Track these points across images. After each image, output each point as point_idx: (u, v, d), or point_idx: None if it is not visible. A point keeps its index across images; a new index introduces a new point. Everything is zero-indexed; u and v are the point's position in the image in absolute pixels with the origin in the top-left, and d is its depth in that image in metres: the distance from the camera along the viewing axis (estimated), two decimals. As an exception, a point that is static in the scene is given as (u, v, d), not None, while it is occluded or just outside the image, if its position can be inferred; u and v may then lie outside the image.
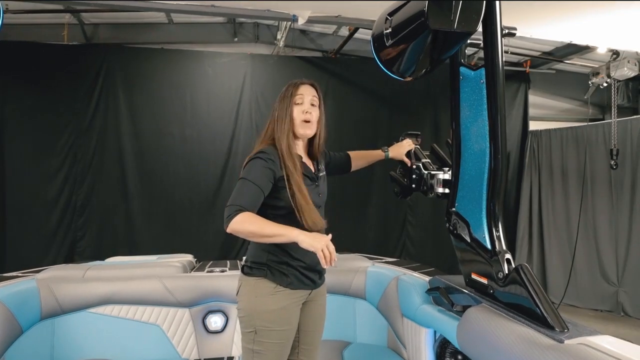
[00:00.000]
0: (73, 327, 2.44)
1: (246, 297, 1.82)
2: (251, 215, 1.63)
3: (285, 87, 1.91)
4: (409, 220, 6.35)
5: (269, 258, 1.81)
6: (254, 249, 1.87)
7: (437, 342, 2.24)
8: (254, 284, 1.82)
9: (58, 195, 5.40)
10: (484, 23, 1.59)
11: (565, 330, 1.43)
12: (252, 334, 1.77)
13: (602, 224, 5.81)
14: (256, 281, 1.81)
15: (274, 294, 1.79)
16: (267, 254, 1.81)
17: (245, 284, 1.85)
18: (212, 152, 5.78)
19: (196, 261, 3.37)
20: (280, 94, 1.90)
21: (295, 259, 1.82)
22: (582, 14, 3.75)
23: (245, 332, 1.81)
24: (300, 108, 1.85)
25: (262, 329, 1.76)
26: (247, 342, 1.80)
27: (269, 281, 1.80)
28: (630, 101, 6.66)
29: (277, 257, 1.81)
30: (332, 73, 6.08)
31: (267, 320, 1.77)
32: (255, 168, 1.74)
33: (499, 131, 1.66)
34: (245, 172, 1.75)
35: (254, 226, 1.61)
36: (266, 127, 1.89)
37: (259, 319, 1.77)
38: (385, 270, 2.86)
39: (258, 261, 1.83)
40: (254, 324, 1.77)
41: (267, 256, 1.81)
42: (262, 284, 1.80)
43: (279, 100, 1.88)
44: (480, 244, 1.80)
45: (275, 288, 1.80)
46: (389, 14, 1.70)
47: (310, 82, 1.93)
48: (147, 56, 5.66)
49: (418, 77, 1.85)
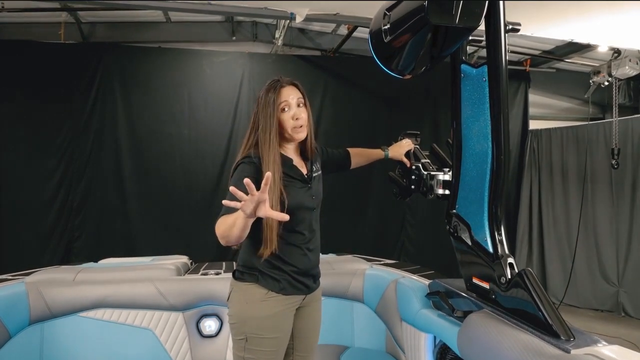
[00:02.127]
0: (63, 331, 2.39)
1: (237, 303, 1.77)
2: (222, 218, 1.54)
3: (264, 91, 1.76)
4: (408, 221, 6.30)
5: (260, 263, 1.74)
6: (245, 252, 1.80)
7: (437, 348, 2.19)
8: (244, 290, 1.76)
9: (54, 196, 5.34)
10: (486, 18, 1.53)
11: (571, 338, 1.38)
12: (242, 341, 1.72)
13: (602, 223, 5.78)
14: (247, 287, 1.75)
15: (266, 300, 1.73)
16: (258, 259, 1.74)
17: (236, 290, 1.79)
18: (210, 151, 5.73)
19: (191, 263, 3.32)
20: (259, 99, 1.76)
21: (287, 263, 1.76)
22: (583, 13, 3.71)
23: (236, 340, 1.75)
24: (288, 114, 1.73)
25: (253, 337, 1.71)
26: (238, 349, 1.75)
27: (260, 287, 1.73)
28: (631, 100, 6.62)
29: (269, 262, 1.74)
30: (331, 72, 6.03)
31: (258, 327, 1.71)
32: (237, 174, 1.67)
33: (501, 131, 1.60)
34: (235, 175, 1.70)
35: (223, 226, 1.51)
36: (247, 138, 1.78)
37: (250, 326, 1.71)
38: (383, 272, 2.81)
39: (249, 265, 1.77)
40: (244, 331, 1.72)
41: (258, 260, 1.74)
42: (253, 289, 1.74)
43: (261, 107, 1.74)
44: (481, 247, 1.75)
45: (267, 294, 1.73)
46: (388, 9, 1.64)
47: (290, 81, 1.80)
48: (144, 55, 5.61)
49: (418, 75, 1.79)
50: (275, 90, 1.73)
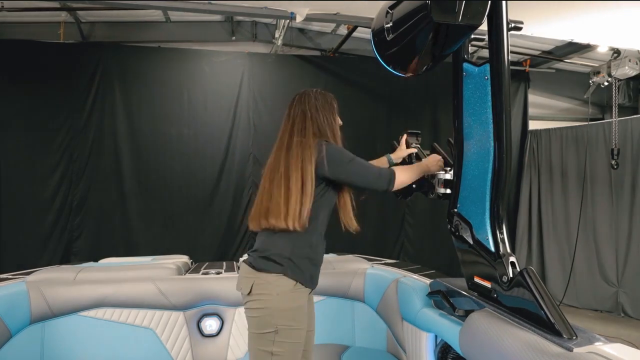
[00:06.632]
0: (64, 331, 2.38)
1: (264, 295, 1.74)
2: (399, 169, 1.95)
3: (325, 95, 1.98)
4: (408, 221, 6.30)
5: (294, 252, 1.77)
6: (279, 240, 1.79)
7: (438, 347, 2.19)
8: (271, 282, 1.75)
9: (54, 195, 5.35)
10: (489, 16, 1.53)
11: (573, 337, 1.37)
12: (272, 334, 1.70)
13: (602, 224, 5.77)
14: (274, 278, 1.75)
15: (294, 291, 1.76)
16: (292, 248, 1.77)
17: (261, 282, 1.76)
18: (210, 151, 5.73)
19: (192, 262, 3.31)
20: (318, 101, 1.94)
21: (317, 253, 1.83)
22: (583, 12, 3.71)
23: (262, 334, 1.72)
24: (338, 119, 2.00)
25: (284, 328, 1.71)
26: (264, 344, 1.72)
27: (288, 278, 1.75)
28: (631, 100, 6.63)
29: (301, 250, 1.78)
30: (331, 72, 6.02)
31: (289, 318, 1.72)
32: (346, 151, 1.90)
33: (503, 130, 1.60)
34: (346, 155, 1.87)
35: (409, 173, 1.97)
36: (306, 128, 1.88)
37: (281, 317, 1.71)
38: (384, 272, 2.81)
39: (281, 254, 1.77)
40: (275, 323, 1.71)
41: (291, 250, 1.77)
42: (282, 280, 1.75)
43: (326, 106, 1.95)
44: (483, 247, 1.74)
45: (295, 285, 1.76)
46: (390, 7, 1.63)
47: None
48: (144, 55, 5.61)
49: (419, 73, 1.79)
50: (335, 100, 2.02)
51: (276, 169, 1.83)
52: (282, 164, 1.81)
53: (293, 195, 1.74)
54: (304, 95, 1.95)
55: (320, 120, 1.90)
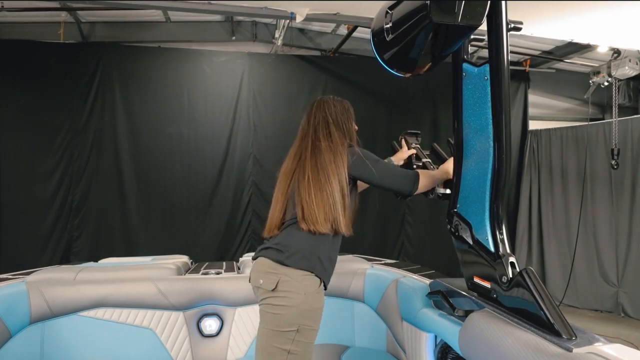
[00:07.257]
0: (63, 331, 2.37)
1: (292, 293, 1.72)
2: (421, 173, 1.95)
3: (342, 102, 2.06)
4: (407, 221, 6.31)
5: (322, 252, 1.80)
6: (304, 238, 1.79)
7: (438, 347, 2.19)
8: (301, 280, 1.74)
9: (54, 195, 5.35)
10: (488, 16, 1.53)
11: (573, 337, 1.37)
12: (292, 332, 1.70)
13: (602, 224, 5.78)
14: (304, 276, 1.75)
15: (319, 292, 1.78)
16: (318, 247, 1.79)
17: (289, 279, 1.74)
18: (210, 151, 5.73)
19: (192, 262, 3.31)
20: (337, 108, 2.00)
21: (337, 254, 1.87)
22: (583, 12, 3.71)
23: (282, 332, 1.71)
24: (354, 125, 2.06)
25: (306, 328, 1.72)
26: (282, 342, 1.71)
27: (315, 277, 1.77)
28: (631, 100, 6.63)
29: (327, 251, 1.81)
30: (331, 72, 6.03)
31: (312, 318, 1.74)
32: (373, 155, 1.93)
33: (503, 130, 1.59)
34: (372, 156, 1.90)
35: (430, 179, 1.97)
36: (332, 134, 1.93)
37: (305, 317, 1.72)
38: (384, 272, 2.81)
39: (311, 252, 1.78)
40: (298, 322, 1.71)
41: (318, 249, 1.79)
42: (310, 280, 1.76)
43: (344, 112, 2.02)
44: (483, 247, 1.74)
45: (319, 285, 1.79)
46: (390, 7, 1.63)
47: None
48: (144, 55, 5.61)
49: (419, 73, 1.79)
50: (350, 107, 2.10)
51: (302, 174, 1.84)
52: (310, 168, 1.83)
53: (338, 202, 1.79)
54: (322, 102, 2.01)
55: (343, 126, 1.96)
